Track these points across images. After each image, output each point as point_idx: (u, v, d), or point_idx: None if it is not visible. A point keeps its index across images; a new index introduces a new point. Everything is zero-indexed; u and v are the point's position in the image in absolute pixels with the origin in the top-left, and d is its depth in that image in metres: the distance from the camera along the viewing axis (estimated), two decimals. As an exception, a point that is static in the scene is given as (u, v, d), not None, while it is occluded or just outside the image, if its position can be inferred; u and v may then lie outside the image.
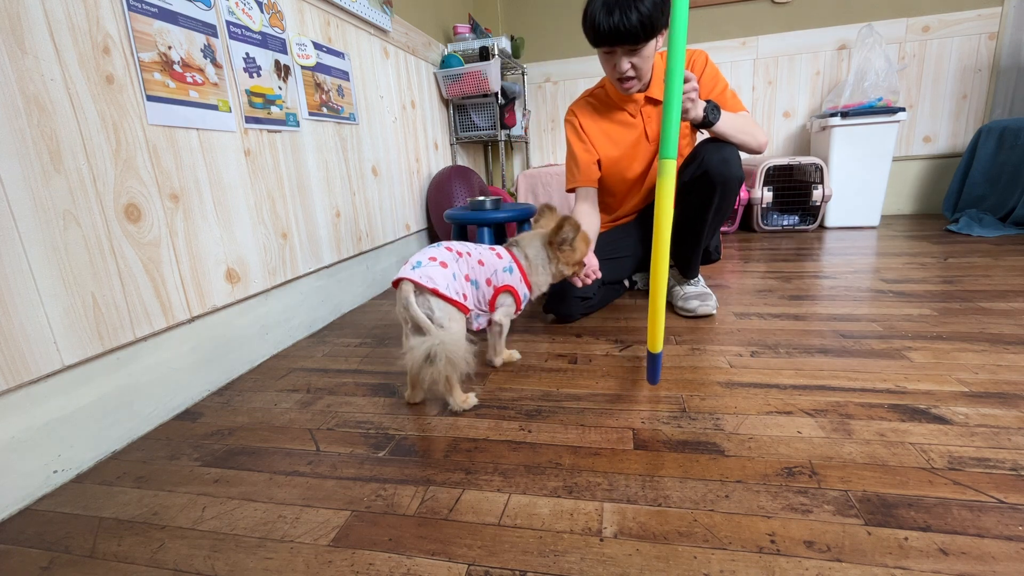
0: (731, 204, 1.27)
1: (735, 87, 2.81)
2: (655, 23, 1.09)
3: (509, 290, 1.03)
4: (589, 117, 1.40)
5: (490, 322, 1.07)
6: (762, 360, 1.06)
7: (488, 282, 1.01)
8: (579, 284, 1.18)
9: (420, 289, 0.88)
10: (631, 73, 1.19)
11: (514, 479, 0.72)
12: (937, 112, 2.69)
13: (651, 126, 1.35)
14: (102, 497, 0.76)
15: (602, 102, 1.40)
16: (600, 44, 1.15)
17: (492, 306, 1.03)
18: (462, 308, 0.92)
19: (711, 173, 1.19)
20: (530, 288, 1.08)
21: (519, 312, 1.08)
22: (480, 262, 1.01)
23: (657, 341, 0.84)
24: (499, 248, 1.07)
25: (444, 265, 0.91)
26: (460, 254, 0.97)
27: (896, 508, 0.61)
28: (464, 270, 0.97)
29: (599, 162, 1.40)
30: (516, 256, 1.07)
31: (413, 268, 0.90)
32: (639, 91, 1.29)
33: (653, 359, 0.88)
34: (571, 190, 1.45)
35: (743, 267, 1.89)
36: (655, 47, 1.18)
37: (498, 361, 1.10)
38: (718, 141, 1.22)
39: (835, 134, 2.43)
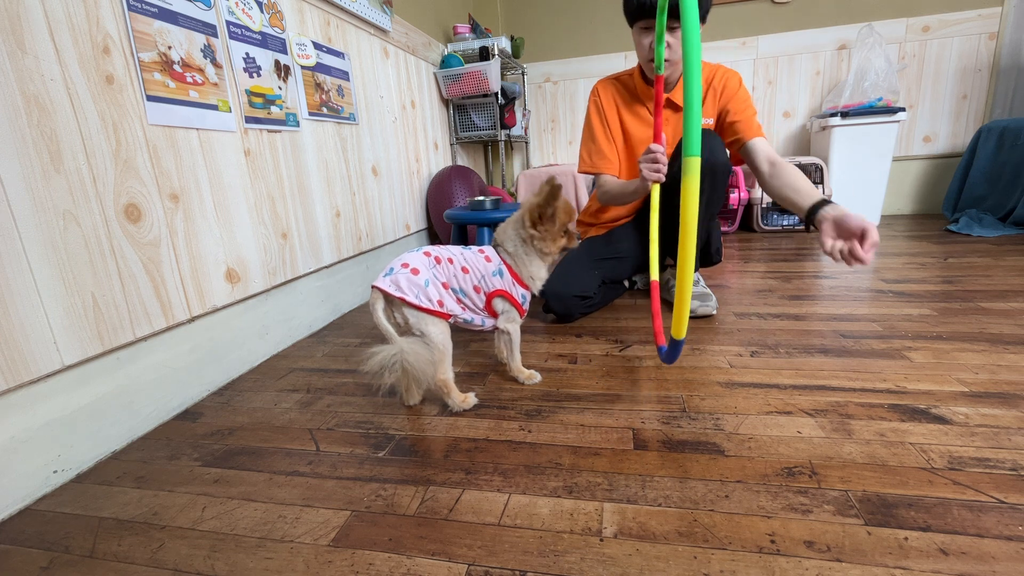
0: (722, 193, 1.27)
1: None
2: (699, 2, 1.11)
3: (502, 295, 0.97)
4: (611, 100, 1.41)
5: (497, 330, 1.02)
6: (762, 360, 1.06)
7: (477, 289, 0.95)
8: (575, 244, 1.06)
9: (389, 297, 0.88)
10: (667, 54, 1.18)
11: (514, 479, 0.72)
12: (937, 112, 2.69)
13: (667, 129, 1.34)
14: (102, 497, 0.76)
15: (628, 89, 1.39)
16: (642, 16, 1.14)
17: (490, 312, 0.98)
18: (437, 314, 0.90)
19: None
20: (526, 286, 1.00)
21: (524, 315, 1.02)
22: (464, 269, 0.94)
23: (682, 328, 0.77)
24: (488, 250, 1.00)
25: (416, 272, 0.89)
26: (439, 260, 0.93)
27: (896, 508, 0.61)
28: (442, 277, 0.92)
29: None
30: (503, 257, 0.99)
31: (384, 276, 0.89)
32: (665, 80, 1.29)
33: (676, 344, 0.81)
34: (585, 172, 1.46)
35: (743, 267, 1.89)
36: None
37: (521, 378, 1.03)
38: (702, 131, 1.23)
39: (835, 134, 2.43)
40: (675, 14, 1.08)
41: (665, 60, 1.20)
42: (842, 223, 0.88)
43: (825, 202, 0.96)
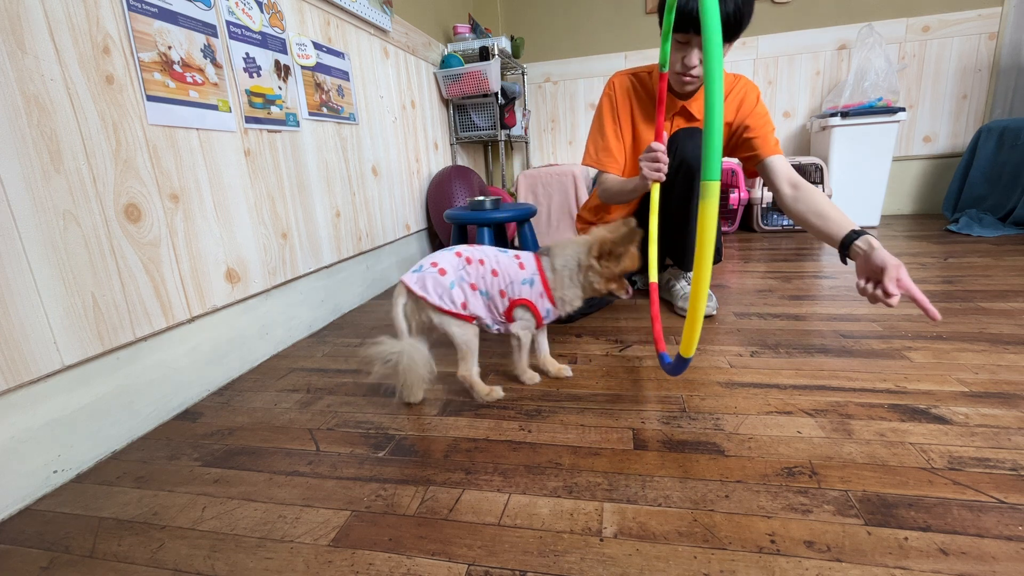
0: None
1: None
2: (742, 21, 1.06)
3: (526, 304, 0.94)
4: (626, 97, 1.37)
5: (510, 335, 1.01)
6: (762, 360, 1.06)
7: (503, 294, 0.94)
8: (624, 295, 1.00)
9: (414, 295, 0.90)
10: (696, 71, 1.16)
11: (514, 479, 0.72)
12: (937, 112, 2.69)
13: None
14: (102, 497, 0.76)
15: (644, 87, 1.36)
16: (684, 29, 1.09)
17: (509, 317, 0.96)
18: (461, 316, 0.91)
19: (688, 160, 1.19)
20: (554, 303, 0.96)
21: (540, 327, 1.00)
22: (494, 272, 0.93)
23: (692, 346, 0.74)
24: (525, 256, 0.97)
25: (443, 272, 0.90)
26: (470, 261, 0.93)
27: (896, 508, 0.61)
28: (471, 278, 0.92)
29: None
30: (543, 267, 0.96)
31: (413, 271, 0.91)
32: (688, 93, 1.28)
33: (684, 361, 0.79)
34: (588, 166, 1.43)
35: (743, 267, 1.89)
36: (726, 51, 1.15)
37: (524, 378, 1.02)
38: (689, 129, 1.22)
39: (835, 134, 2.43)
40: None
41: (693, 76, 1.18)
42: (868, 260, 0.83)
43: (857, 233, 0.91)
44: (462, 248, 0.95)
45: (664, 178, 1.13)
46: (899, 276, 0.79)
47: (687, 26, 1.06)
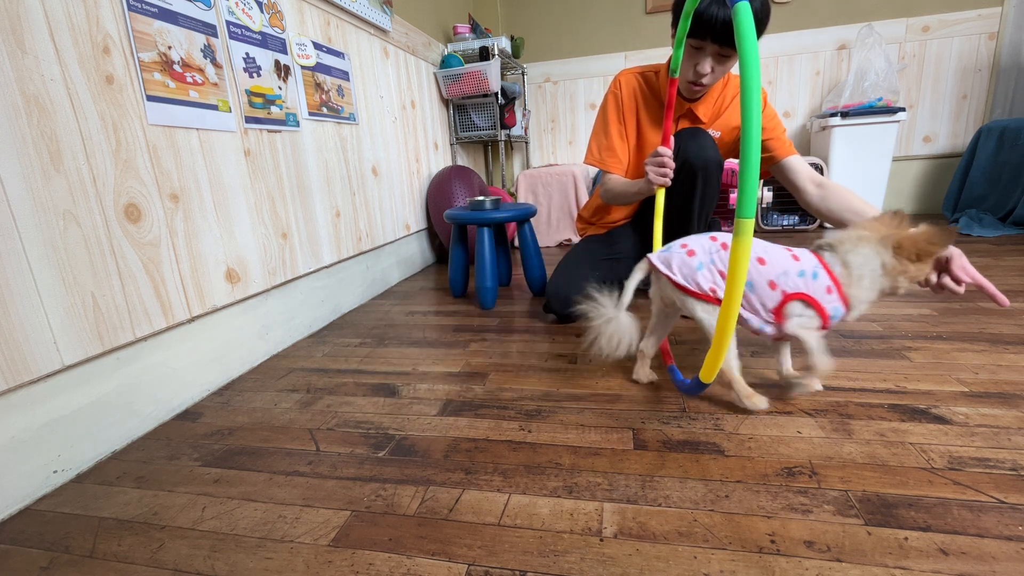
0: (716, 190, 1.25)
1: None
2: (759, 29, 1.02)
3: (805, 299, 0.81)
4: (632, 97, 1.36)
5: (783, 339, 0.89)
6: (762, 360, 1.05)
7: (772, 285, 0.82)
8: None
9: (657, 273, 0.90)
10: (707, 79, 1.16)
11: (514, 479, 0.72)
12: (937, 112, 2.69)
13: None
14: (102, 497, 0.76)
15: (651, 87, 1.35)
16: (700, 35, 1.07)
17: (778, 315, 0.83)
18: (707, 299, 0.85)
19: (690, 160, 1.18)
20: (847, 304, 0.82)
21: (826, 330, 0.84)
22: (761, 260, 0.83)
23: (712, 374, 0.72)
24: (800, 251, 0.86)
25: (692, 254, 0.86)
26: (726, 246, 0.85)
27: (896, 508, 0.61)
28: (723, 265, 0.84)
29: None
30: (826, 262, 0.83)
31: (663, 250, 0.90)
32: (697, 99, 1.27)
33: (702, 385, 0.78)
34: (590, 164, 1.41)
35: (743, 267, 1.88)
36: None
37: (814, 385, 0.88)
38: (692, 129, 1.21)
39: (835, 134, 2.43)
40: (729, 41, 1.05)
41: (703, 84, 1.17)
42: None
43: None
44: (719, 233, 0.89)
45: (670, 183, 1.12)
46: (963, 264, 0.79)
47: (703, 33, 1.06)
